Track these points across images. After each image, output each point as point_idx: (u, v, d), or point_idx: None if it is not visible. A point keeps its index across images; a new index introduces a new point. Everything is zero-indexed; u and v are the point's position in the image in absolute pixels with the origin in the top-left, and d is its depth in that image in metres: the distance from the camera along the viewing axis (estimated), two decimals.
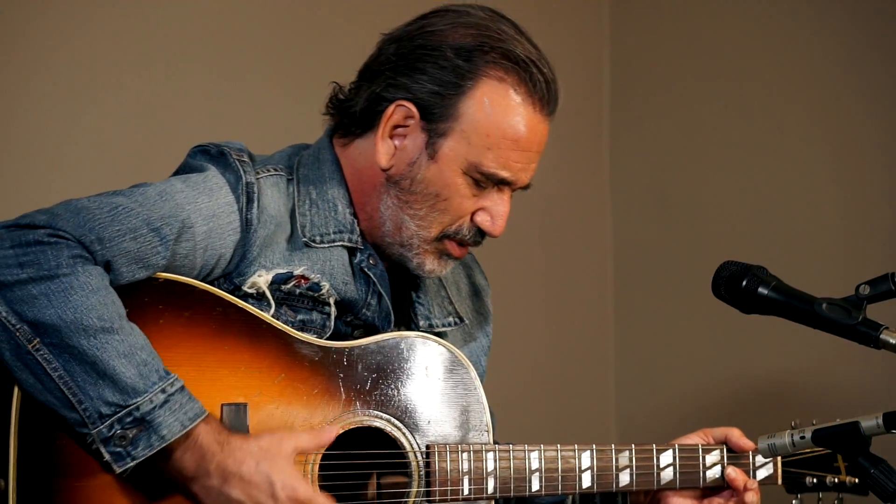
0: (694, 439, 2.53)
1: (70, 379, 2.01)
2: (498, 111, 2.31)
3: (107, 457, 2.02)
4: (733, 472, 2.49)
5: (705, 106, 4.25)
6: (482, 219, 2.37)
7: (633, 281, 4.42)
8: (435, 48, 2.33)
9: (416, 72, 2.33)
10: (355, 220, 2.39)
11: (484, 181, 2.34)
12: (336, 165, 2.40)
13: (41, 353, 2.01)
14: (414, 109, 2.32)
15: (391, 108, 2.33)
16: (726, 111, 4.18)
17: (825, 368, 3.80)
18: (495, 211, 2.37)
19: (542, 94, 2.34)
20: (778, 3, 4.05)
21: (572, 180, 4.36)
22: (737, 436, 2.52)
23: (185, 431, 2.04)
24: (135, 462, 2.02)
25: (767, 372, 3.97)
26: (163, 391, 2.04)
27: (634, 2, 4.47)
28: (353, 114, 2.39)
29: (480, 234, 2.40)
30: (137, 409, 2.02)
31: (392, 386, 2.30)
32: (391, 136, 2.35)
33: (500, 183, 2.36)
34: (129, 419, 2.02)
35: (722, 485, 2.51)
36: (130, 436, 2.01)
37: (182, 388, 2.06)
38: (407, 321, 2.49)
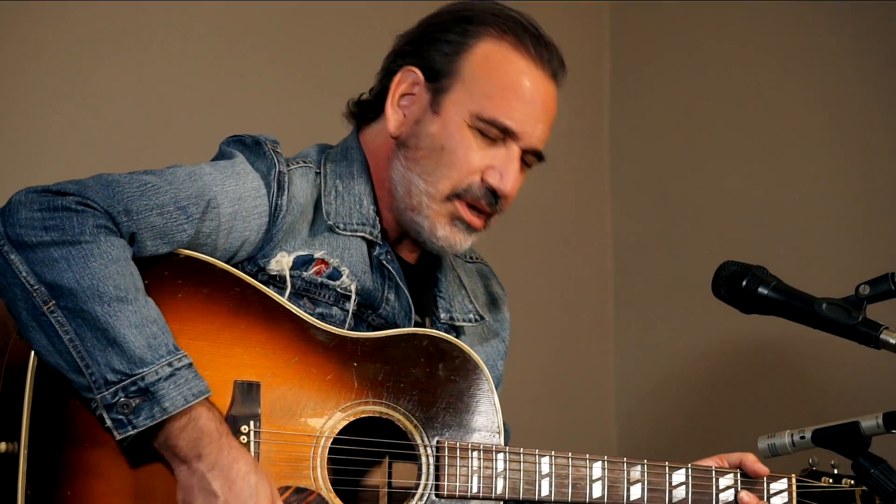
0: (709, 463, 2.52)
1: (80, 343, 2.03)
2: (497, 62, 2.40)
3: (108, 423, 2.04)
4: (747, 497, 2.48)
5: (705, 106, 4.25)
6: (491, 175, 2.39)
7: (633, 281, 4.42)
8: (440, 23, 2.45)
9: (422, 42, 2.45)
10: (378, 218, 2.45)
11: (488, 130, 2.38)
12: (364, 164, 2.48)
13: (55, 315, 2.04)
14: (419, 74, 2.42)
15: (398, 75, 2.44)
16: (726, 111, 4.19)
17: (825, 368, 3.80)
18: (504, 168, 2.39)
19: (542, 53, 2.42)
20: (778, 4, 4.05)
21: (572, 180, 4.36)
22: (751, 461, 2.50)
23: (187, 406, 2.05)
24: (135, 431, 2.04)
25: (767, 373, 3.97)
26: (169, 364, 2.06)
27: (635, 2, 4.48)
28: (369, 101, 2.51)
29: (492, 195, 2.41)
30: (142, 378, 2.04)
31: (405, 380, 2.30)
32: (399, 106, 2.44)
33: (505, 133, 2.39)
34: (133, 388, 2.03)
35: None
36: (133, 405, 2.03)
37: (190, 364, 2.08)
38: (428, 314, 2.52)
